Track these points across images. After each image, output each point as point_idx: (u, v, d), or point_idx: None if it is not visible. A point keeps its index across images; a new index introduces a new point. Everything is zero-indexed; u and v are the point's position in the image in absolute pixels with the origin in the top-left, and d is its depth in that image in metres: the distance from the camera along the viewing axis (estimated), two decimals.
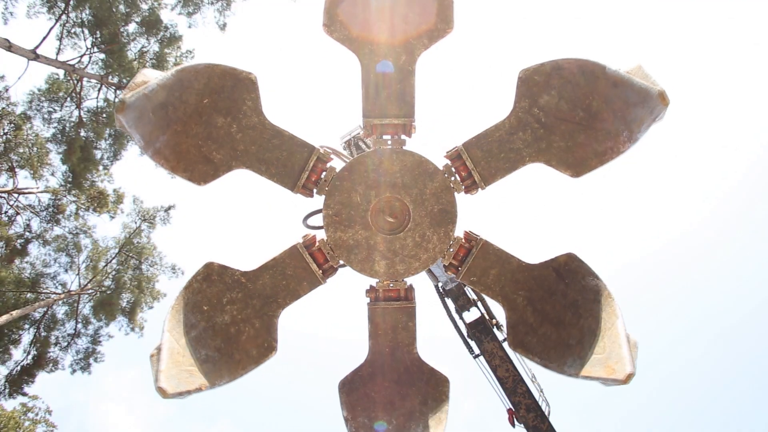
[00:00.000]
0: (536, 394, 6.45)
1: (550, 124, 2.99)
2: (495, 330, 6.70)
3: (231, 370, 2.78)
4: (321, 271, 3.10)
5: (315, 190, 3.13)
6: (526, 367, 6.58)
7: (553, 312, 2.94)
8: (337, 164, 3.19)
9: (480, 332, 6.74)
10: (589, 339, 2.78)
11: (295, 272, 3.06)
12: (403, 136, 3.15)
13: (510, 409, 6.45)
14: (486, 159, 3.08)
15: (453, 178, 3.12)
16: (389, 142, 3.16)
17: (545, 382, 6.58)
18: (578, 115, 2.92)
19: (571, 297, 2.91)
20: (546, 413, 6.35)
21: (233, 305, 2.96)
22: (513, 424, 6.43)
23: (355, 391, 3.09)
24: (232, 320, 2.93)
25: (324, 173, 3.10)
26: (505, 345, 6.62)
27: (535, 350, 2.90)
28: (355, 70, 3.03)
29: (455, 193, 3.08)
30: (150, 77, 2.63)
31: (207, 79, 2.80)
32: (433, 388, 3.10)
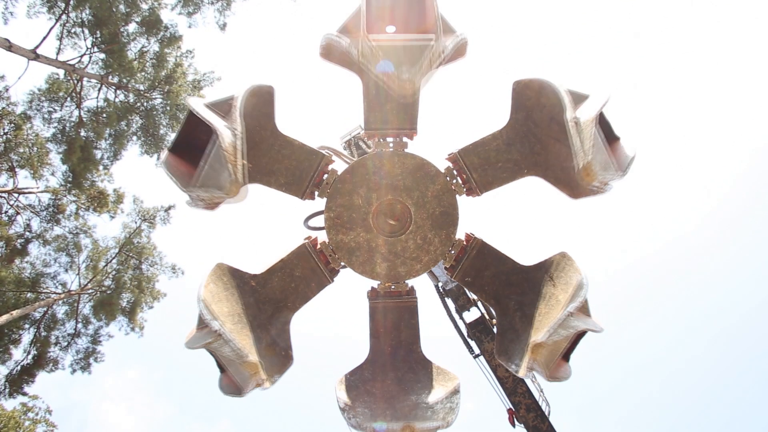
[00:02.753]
0: (536, 394, 6.46)
1: (546, 142, 2.88)
2: (495, 330, 6.70)
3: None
4: (327, 271, 3.07)
5: (317, 193, 3.13)
6: None
7: (538, 319, 2.75)
8: (338, 166, 3.19)
9: (480, 332, 6.75)
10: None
11: (303, 273, 3.04)
12: (404, 139, 3.16)
13: (510, 409, 6.46)
14: (483, 167, 3.05)
15: (455, 181, 3.12)
16: (391, 145, 3.16)
17: (545, 383, 6.58)
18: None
19: (561, 299, 2.76)
20: (546, 413, 6.36)
21: (248, 310, 2.81)
22: (513, 424, 6.44)
23: (353, 388, 2.99)
24: (250, 327, 2.76)
25: (326, 176, 3.11)
26: None
27: (515, 359, 2.70)
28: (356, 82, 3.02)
29: (457, 196, 3.09)
30: (219, 127, 2.35)
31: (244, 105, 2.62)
32: (440, 384, 2.96)
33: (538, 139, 2.92)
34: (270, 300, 2.97)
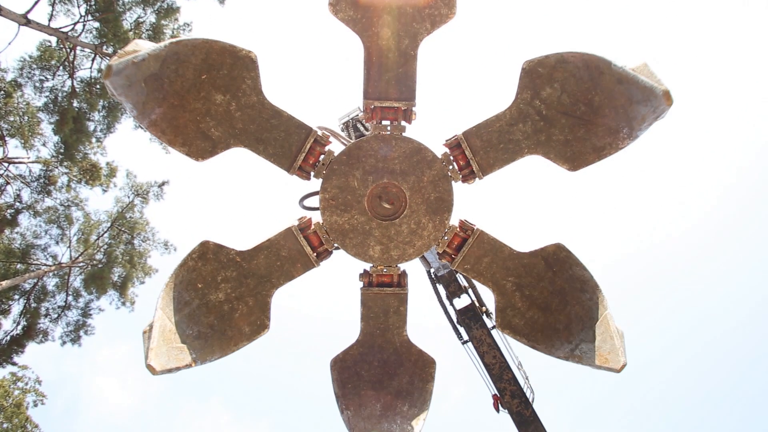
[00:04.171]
0: (521, 381, 6.58)
1: (551, 117, 3.00)
2: (484, 317, 6.79)
3: (223, 346, 2.85)
4: (315, 254, 3.12)
5: (312, 173, 3.11)
6: (513, 354, 6.71)
7: (541, 298, 3.08)
8: (335, 147, 3.17)
9: (469, 319, 6.82)
10: (577, 325, 2.94)
11: (290, 254, 3.09)
12: (402, 122, 3.14)
13: (495, 395, 6.58)
14: (485, 149, 3.09)
15: (451, 167, 3.12)
16: (389, 128, 3.14)
17: (530, 370, 6.72)
18: (579, 109, 2.94)
19: (559, 285, 3.04)
20: (530, 400, 6.49)
21: (227, 283, 3.00)
22: (498, 410, 6.57)
23: (346, 369, 3.18)
24: (226, 298, 2.97)
25: (322, 156, 3.09)
26: (494, 332, 6.72)
27: (522, 332, 3.05)
28: (357, 52, 3.00)
29: (452, 182, 3.10)
30: (142, 47, 2.60)
31: (205, 54, 2.78)
32: (420, 369, 3.21)
33: (542, 116, 3.02)
34: (254, 275, 3.07)
